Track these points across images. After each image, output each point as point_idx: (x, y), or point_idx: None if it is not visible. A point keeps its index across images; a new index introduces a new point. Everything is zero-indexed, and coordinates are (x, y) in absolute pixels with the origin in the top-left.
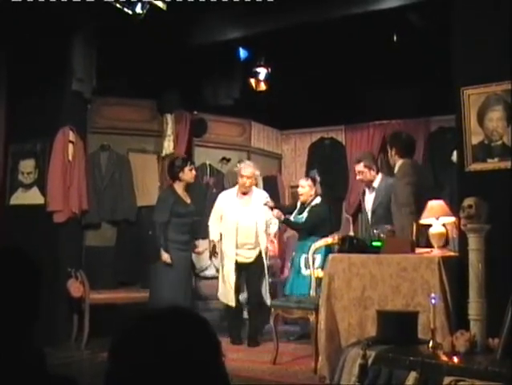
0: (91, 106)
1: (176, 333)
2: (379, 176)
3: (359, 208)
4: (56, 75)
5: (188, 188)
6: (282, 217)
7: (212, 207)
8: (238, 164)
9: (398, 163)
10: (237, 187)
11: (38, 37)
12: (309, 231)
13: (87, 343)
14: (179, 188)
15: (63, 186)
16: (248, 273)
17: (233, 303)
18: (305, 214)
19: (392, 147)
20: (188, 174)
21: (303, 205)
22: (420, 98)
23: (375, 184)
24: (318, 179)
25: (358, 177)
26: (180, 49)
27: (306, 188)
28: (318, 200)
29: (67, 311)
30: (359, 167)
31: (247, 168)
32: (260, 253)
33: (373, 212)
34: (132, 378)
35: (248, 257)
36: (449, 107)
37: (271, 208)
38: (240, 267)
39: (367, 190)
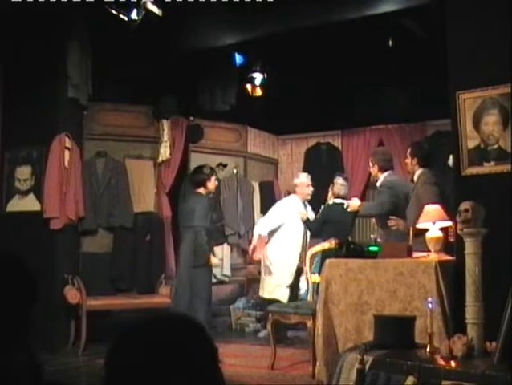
0: (87, 112)
1: (173, 338)
2: (384, 175)
3: (356, 212)
4: (52, 82)
5: None
6: (305, 217)
7: (213, 212)
8: (299, 178)
9: (418, 172)
10: (294, 196)
11: (33, 43)
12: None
13: (84, 349)
14: None
15: (60, 193)
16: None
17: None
18: None
19: (414, 156)
20: (214, 183)
21: None
22: (416, 102)
23: (378, 183)
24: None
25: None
26: (175, 55)
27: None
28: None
29: (64, 318)
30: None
31: (308, 180)
32: None
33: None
34: (129, 384)
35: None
36: (445, 112)
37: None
38: None
39: None
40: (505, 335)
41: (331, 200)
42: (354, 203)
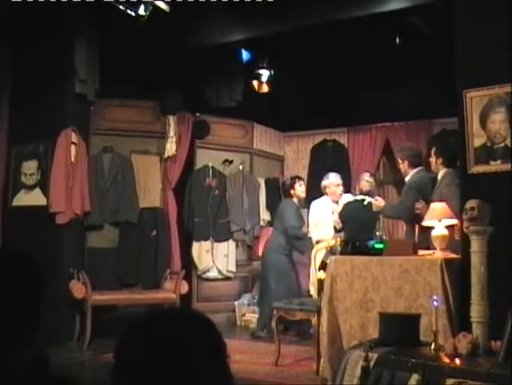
0: (94, 107)
1: (178, 334)
2: (413, 171)
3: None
4: (59, 77)
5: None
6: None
7: (218, 209)
8: (329, 178)
9: (442, 172)
10: (325, 197)
11: (41, 39)
12: None
13: (89, 344)
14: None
15: (66, 187)
16: None
17: None
18: None
19: (439, 156)
20: (298, 190)
21: None
22: (422, 100)
23: (406, 178)
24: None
25: None
26: (182, 51)
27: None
28: None
29: (69, 312)
30: None
31: (337, 179)
32: None
33: None
34: (137, 377)
35: None
36: (451, 110)
37: None
38: None
39: None
40: (510, 334)
41: (352, 198)
42: (378, 203)
